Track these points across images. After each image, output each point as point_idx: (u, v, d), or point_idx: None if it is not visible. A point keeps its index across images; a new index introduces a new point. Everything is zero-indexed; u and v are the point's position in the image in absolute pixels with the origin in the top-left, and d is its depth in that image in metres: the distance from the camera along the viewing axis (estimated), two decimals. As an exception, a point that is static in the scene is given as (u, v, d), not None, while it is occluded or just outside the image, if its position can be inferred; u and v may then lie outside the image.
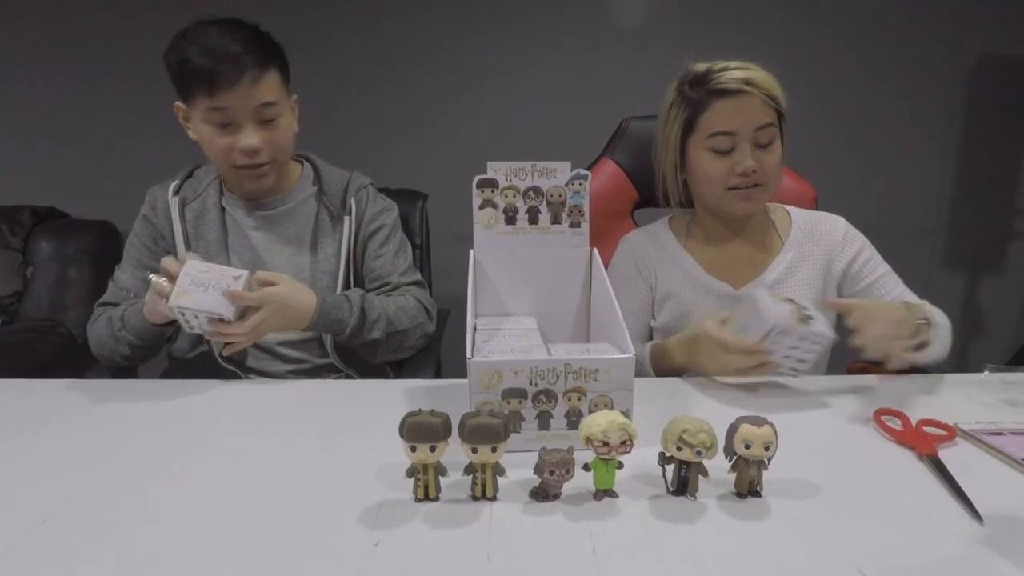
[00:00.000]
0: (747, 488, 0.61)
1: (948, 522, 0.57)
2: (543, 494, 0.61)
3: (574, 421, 0.70)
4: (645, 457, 0.64)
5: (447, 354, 1.43)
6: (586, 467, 0.61)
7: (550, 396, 0.69)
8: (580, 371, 0.68)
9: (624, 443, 0.59)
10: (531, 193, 0.90)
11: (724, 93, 0.98)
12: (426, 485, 0.60)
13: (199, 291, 0.89)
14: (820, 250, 1.09)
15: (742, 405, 0.84)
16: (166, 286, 0.89)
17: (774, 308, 0.83)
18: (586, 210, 0.91)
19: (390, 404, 0.85)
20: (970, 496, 0.60)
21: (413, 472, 0.60)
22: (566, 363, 0.68)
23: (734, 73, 0.98)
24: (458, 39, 2.15)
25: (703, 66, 1.03)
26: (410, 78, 2.18)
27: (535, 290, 0.94)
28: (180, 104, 1.03)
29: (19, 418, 0.81)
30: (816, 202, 1.32)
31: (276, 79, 1.01)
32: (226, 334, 0.92)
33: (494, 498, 0.61)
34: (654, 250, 1.14)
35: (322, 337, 1.11)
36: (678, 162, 1.09)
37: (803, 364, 0.84)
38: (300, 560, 0.52)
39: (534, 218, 0.91)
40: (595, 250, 0.92)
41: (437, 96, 2.19)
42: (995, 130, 2.21)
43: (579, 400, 0.69)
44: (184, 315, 0.90)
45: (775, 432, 0.59)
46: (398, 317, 1.07)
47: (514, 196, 0.90)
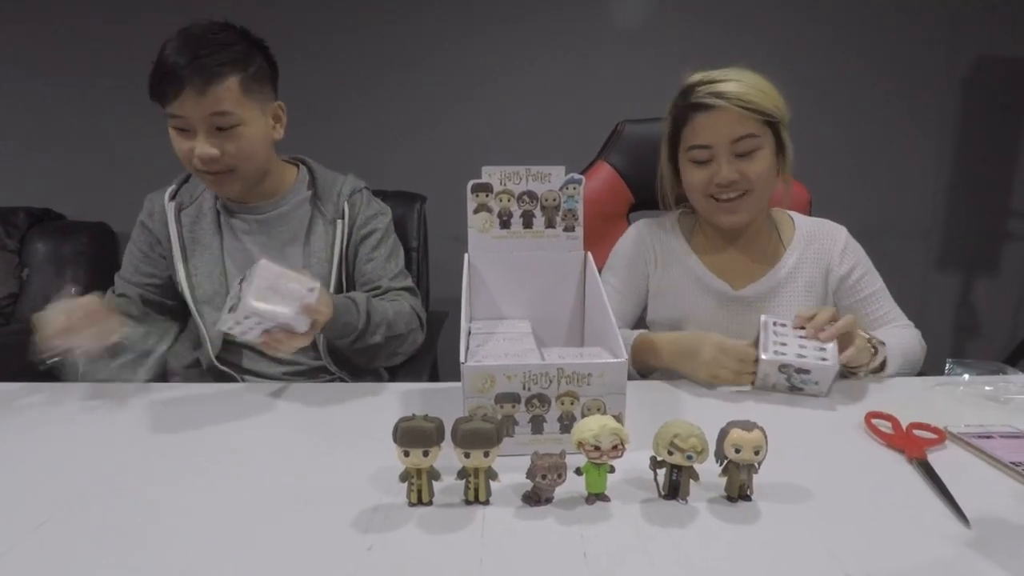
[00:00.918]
0: (737, 492, 0.62)
1: (936, 525, 0.58)
2: (535, 498, 0.61)
3: (567, 425, 0.70)
4: (637, 461, 0.64)
5: (444, 356, 1.44)
6: (578, 471, 0.61)
7: (543, 400, 0.69)
8: (573, 375, 0.69)
9: (616, 447, 0.59)
10: (525, 197, 0.90)
11: (699, 107, 1.01)
12: (419, 489, 0.60)
13: (277, 298, 0.82)
14: (821, 257, 1.10)
15: (732, 409, 0.85)
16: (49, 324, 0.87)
17: (770, 346, 0.90)
18: (580, 214, 0.92)
19: (384, 408, 0.86)
20: (958, 499, 0.61)
21: (406, 476, 0.61)
22: (559, 367, 0.69)
23: (711, 87, 1.00)
24: (457, 40, 2.16)
25: (694, 78, 1.04)
26: (408, 80, 2.18)
27: (530, 294, 0.94)
28: None
29: (14, 421, 0.81)
30: (811, 205, 1.32)
31: (233, 88, 0.98)
32: (289, 344, 0.85)
33: (487, 502, 0.61)
34: (662, 241, 1.15)
35: (315, 338, 1.11)
36: (673, 171, 1.12)
37: (802, 388, 0.90)
38: (294, 564, 0.52)
39: (528, 222, 0.91)
40: (589, 254, 0.93)
41: (435, 97, 2.19)
42: (991, 131, 2.22)
43: (572, 404, 0.70)
44: (248, 319, 0.82)
45: (765, 436, 0.60)
46: (396, 322, 1.06)
47: (509, 200, 0.90)
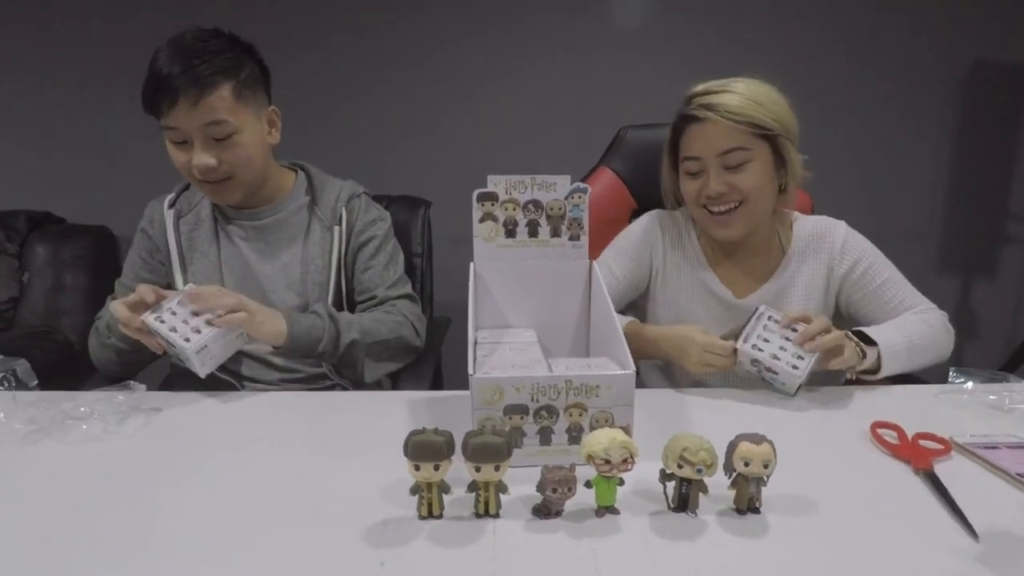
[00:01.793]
0: (746, 504, 0.62)
1: (944, 538, 0.58)
2: (546, 511, 0.61)
3: (575, 436, 0.71)
4: (645, 473, 0.64)
5: (448, 362, 1.44)
6: (588, 484, 0.62)
7: (551, 412, 0.70)
8: (581, 387, 0.69)
9: (625, 461, 0.59)
10: (531, 206, 0.90)
11: (691, 119, 1.02)
12: (430, 503, 0.61)
13: (181, 333, 0.89)
14: (821, 259, 1.09)
15: (738, 420, 0.85)
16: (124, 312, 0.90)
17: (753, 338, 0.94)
18: (585, 223, 0.92)
19: (390, 417, 0.86)
20: (966, 511, 0.61)
21: (417, 490, 0.61)
22: (567, 379, 0.69)
23: (704, 98, 1.00)
24: (459, 44, 2.15)
25: (695, 89, 1.04)
26: (411, 84, 2.18)
27: (535, 303, 0.94)
28: None
29: (14, 431, 0.81)
30: (812, 209, 1.33)
31: (226, 96, 0.98)
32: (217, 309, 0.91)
33: (497, 515, 0.61)
34: (674, 237, 1.15)
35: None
36: (674, 178, 1.12)
37: (771, 383, 0.94)
38: (306, 580, 0.52)
39: (534, 231, 0.91)
40: (595, 263, 0.93)
41: (439, 102, 2.19)
42: (989, 135, 2.23)
43: (580, 416, 0.70)
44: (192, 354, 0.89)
45: (774, 449, 0.60)
46: (374, 327, 1.05)
47: (514, 209, 0.90)
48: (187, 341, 0.88)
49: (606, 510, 0.62)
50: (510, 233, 0.91)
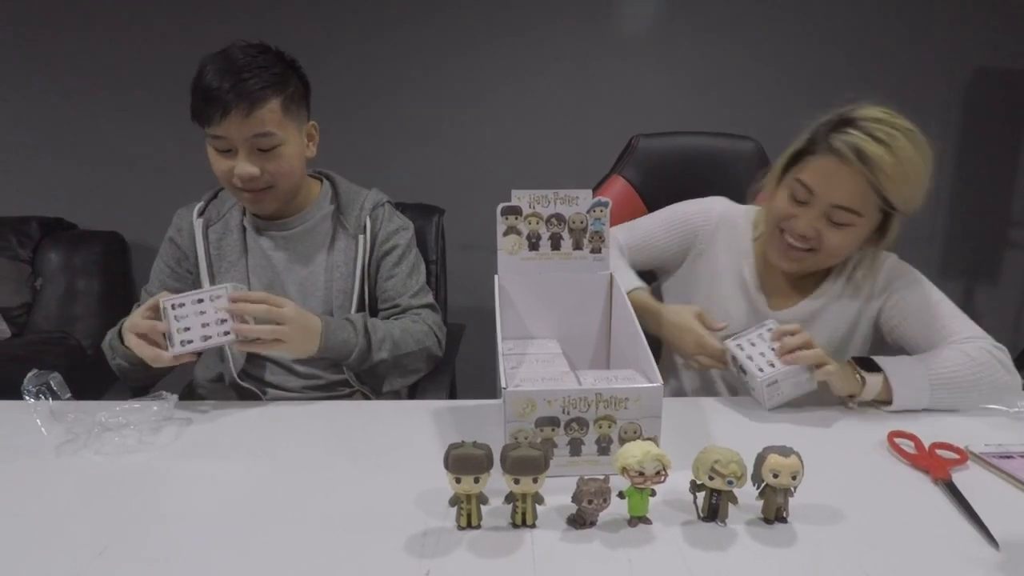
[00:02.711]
0: (774, 514, 0.64)
1: (965, 548, 0.61)
2: (580, 521, 0.64)
3: (604, 447, 0.73)
4: (673, 483, 0.66)
5: (461, 369, 1.46)
6: (621, 495, 0.64)
7: (581, 424, 0.72)
8: (611, 399, 0.71)
9: (659, 473, 0.61)
10: (553, 220, 0.93)
11: (833, 151, 0.91)
12: (469, 514, 0.63)
13: (195, 327, 0.89)
14: (859, 288, 1.04)
15: (760, 430, 0.87)
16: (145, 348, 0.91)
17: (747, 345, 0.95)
18: (607, 236, 0.94)
19: (417, 426, 0.87)
20: (985, 521, 0.63)
21: (456, 501, 0.63)
22: (597, 392, 0.71)
23: (861, 141, 0.88)
24: (471, 53, 2.17)
25: (863, 112, 0.92)
26: (424, 92, 2.19)
27: (557, 314, 0.96)
28: None
29: (52, 442, 0.82)
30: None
31: (275, 110, 1.01)
32: (248, 338, 0.92)
33: (534, 525, 0.63)
34: (729, 229, 1.11)
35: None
36: (776, 180, 1.02)
37: (745, 379, 0.95)
38: (355, 590, 0.54)
39: (556, 244, 0.93)
40: (616, 275, 0.95)
41: (452, 110, 2.21)
42: (991, 141, 2.26)
43: (609, 427, 0.72)
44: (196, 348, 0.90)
45: (801, 462, 0.62)
46: (404, 340, 1.08)
47: (537, 223, 0.92)
48: (226, 335, 0.90)
49: (639, 520, 0.64)
50: (533, 246, 0.93)
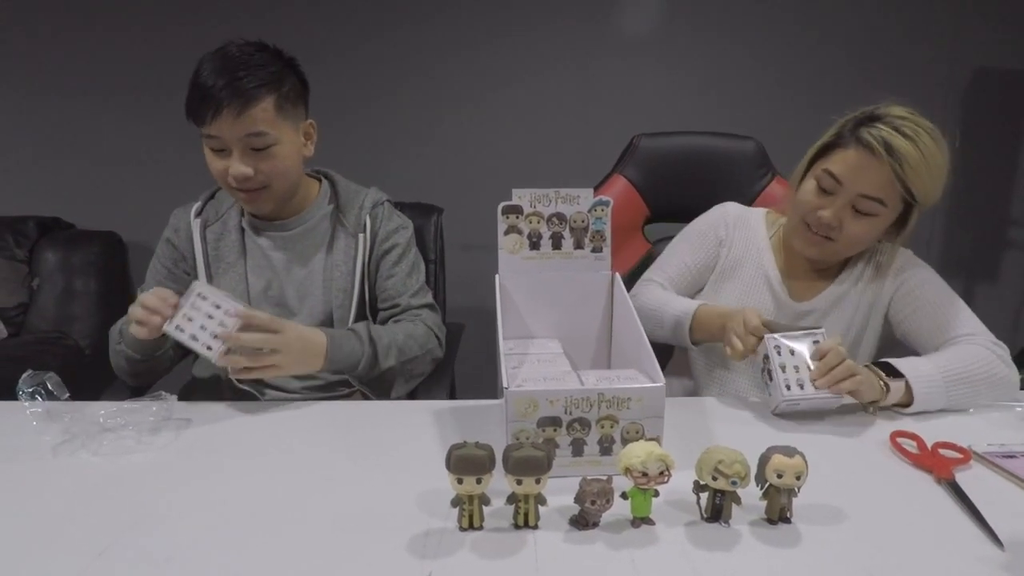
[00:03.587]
0: (778, 515, 0.64)
1: (970, 547, 0.60)
2: (583, 522, 0.63)
3: (607, 448, 0.72)
4: (676, 483, 0.65)
5: (460, 368, 1.45)
6: (624, 495, 0.63)
7: (584, 424, 0.71)
8: (613, 400, 0.71)
9: (662, 473, 0.61)
10: (555, 219, 0.92)
11: (862, 143, 0.94)
12: (471, 514, 0.62)
13: (197, 321, 0.89)
14: (876, 276, 1.07)
15: (761, 429, 0.87)
16: (139, 313, 0.91)
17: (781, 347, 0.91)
18: (608, 235, 0.93)
19: (418, 427, 0.87)
20: (989, 520, 0.63)
21: (458, 502, 0.62)
22: (599, 392, 0.71)
23: (888, 134, 0.92)
24: (470, 51, 2.16)
25: (888, 110, 0.97)
26: (422, 91, 2.18)
27: (558, 313, 0.96)
28: None
29: (48, 442, 0.82)
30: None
31: (268, 109, 1.00)
32: (237, 366, 0.91)
33: (536, 526, 0.63)
34: (745, 226, 1.15)
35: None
36: (801, 174, 1.05)
37: (768, 383, 0.91)
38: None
39: (558, 243, 0.93)
40: (617, 274, 0.94)
41: (450, 109, 2.20)
42: (990, 141, 2.26)
43: (611, 427, 0.72)
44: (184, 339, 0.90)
45: (806, 462, 0.62)
46: (408, 345, 1.07)
47: (538, 222, 0.92)
48: (209, 350, 0.89)
49: (642, 521, 0.64)
50: (534, 245, 0.93)
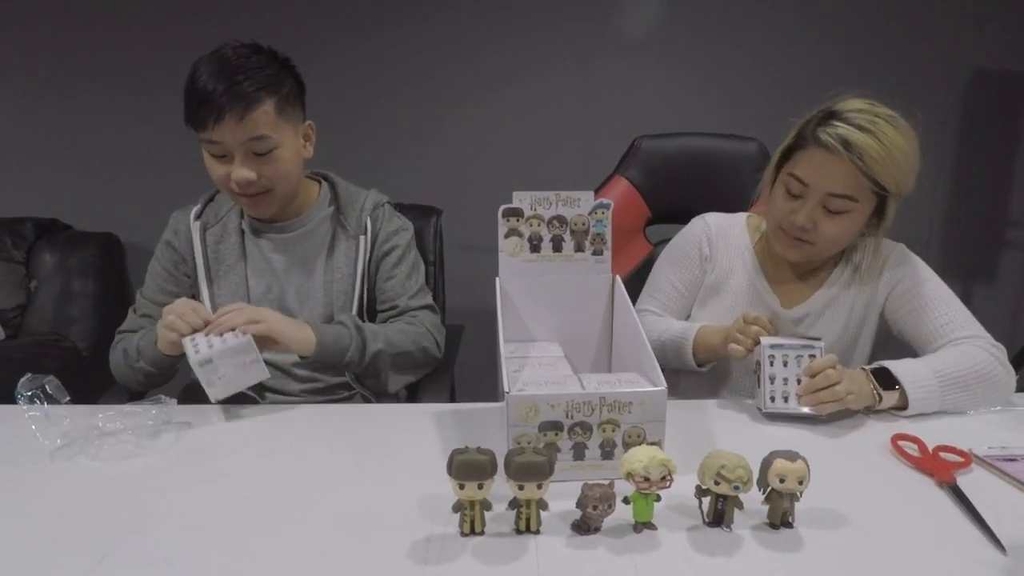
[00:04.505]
0: (780, 519, 0.64)
1: (972, 552, 0.60)
2: (585, 527, 0.63)
3: (608, 452, 0.72)
4: (678, 487, 0.65)
5: (459, 371, 1.45)
6: (626, 500, 0.63)
7: (585, 428, 0.71)
8: (614, 404, 0.71)
9: (664, 478, 0.61)
10: (555, 222, 0.92)
11: (821, 143, 0.93)
12: (472, 520, 0.62)
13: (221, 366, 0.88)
14: (871, 276, 1.05)
15: (762, 433, 0.87)
16: (179, 324, 0.91)
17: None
18: (609, 238, 0.93)
19: (418, 430, 0.87)
20: (991, 524, 0.63)
21: (459, 507, 0.62)
22: (601, 396, 0.70)
23: (846, 131, 0.91)
24: (469, 52, 2.16)
25: (846, 105, 0.96)
26: (422, 92, 2.18)
27: (559, 316, 0.96)
28: None
29: (47, 447, 0.81)
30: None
31: (269, 112, 0.99)
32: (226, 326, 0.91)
33: (538, 531, 0.63)
34: (726, 237, 1.13)
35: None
36: (771, 180, 1.05)
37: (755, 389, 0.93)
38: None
39: (558, 246, 0.93)
40: (618, 277, 0.94)
41: (450, 110, 2.19)
42: (989, 143, 2.26)
43: (613, 431, 0.71)
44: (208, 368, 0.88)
45: (808, 466, 0.62)
46: (398, 339, 1.07)
47: (539, 225, 0.92)
48: (196, 353, 0.87)
49: (644, 526, 0.63)
50: (535, 248, 0.93)
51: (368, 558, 0.59)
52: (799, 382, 0.88)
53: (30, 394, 0.85)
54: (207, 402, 0.96)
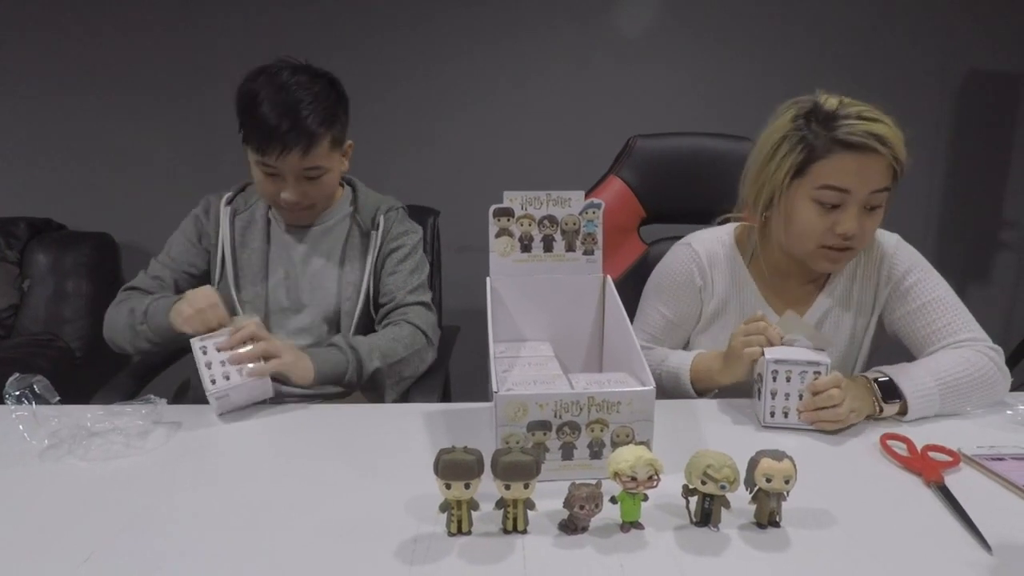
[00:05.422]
0: (767, 519, 0.64)
1: (959, 551, 0.60)
2: (572, 527, 0.63)
3: (596, 451, 0.72)
4: (666, 487, 0.65)
5: (456, 371, 1.45)
6: (613, 500, 0.63)
7: (574, 428, 0.71)
8: (603, 403, 0.71)
9: (651, 478, 0.61)
10: (546, 221, 0.92)
11: (850, 146, 0.89)
12: (459, 520, 0.62)
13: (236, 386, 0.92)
14: (870, 273, 1.04)
15: (751, 433, 0.87)
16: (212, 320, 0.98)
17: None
18: (600, 238, 0.93)
19: (408, 430, 0.87)
20: (978, 524, 0.63)
21: (446, 507, 0.62)
22: (589, 396, 0.70)
23: (866, 125, 0.89)
24: (464, 54, 2.16)
25: (832, 102, 0.93)
26: (418, 94, 2.18)
27: (549, 316, 0.96)
28: None
29: (35, 447, 0.81)
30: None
31: (326, 146, 1.07)
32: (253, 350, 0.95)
33: (525, 531, 0.63)
34: (717, 263, 1.08)
35: None
36: (772, 200, 0.99)
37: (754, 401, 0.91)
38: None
39: (549, 246, 0.93)
40: (608, 277, 0.94)
41: (446, 111, 2.19)
42: (983, 143, 2.27)
43: (601, 431, 0.71)
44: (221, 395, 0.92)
45: (794, 466, 0.62)
46: (391, 348, 1.09)
47: (529, 224, 0.92)
48: (213, 383, 0.91)
49: (631, 525, 0.63)
50: (525, 248, 0.92)
51: (354, 558, 0.59)
52: (800, 397, 0.86)
53: (18, 394, 0.85)
54: (197, 402, 0.96)
